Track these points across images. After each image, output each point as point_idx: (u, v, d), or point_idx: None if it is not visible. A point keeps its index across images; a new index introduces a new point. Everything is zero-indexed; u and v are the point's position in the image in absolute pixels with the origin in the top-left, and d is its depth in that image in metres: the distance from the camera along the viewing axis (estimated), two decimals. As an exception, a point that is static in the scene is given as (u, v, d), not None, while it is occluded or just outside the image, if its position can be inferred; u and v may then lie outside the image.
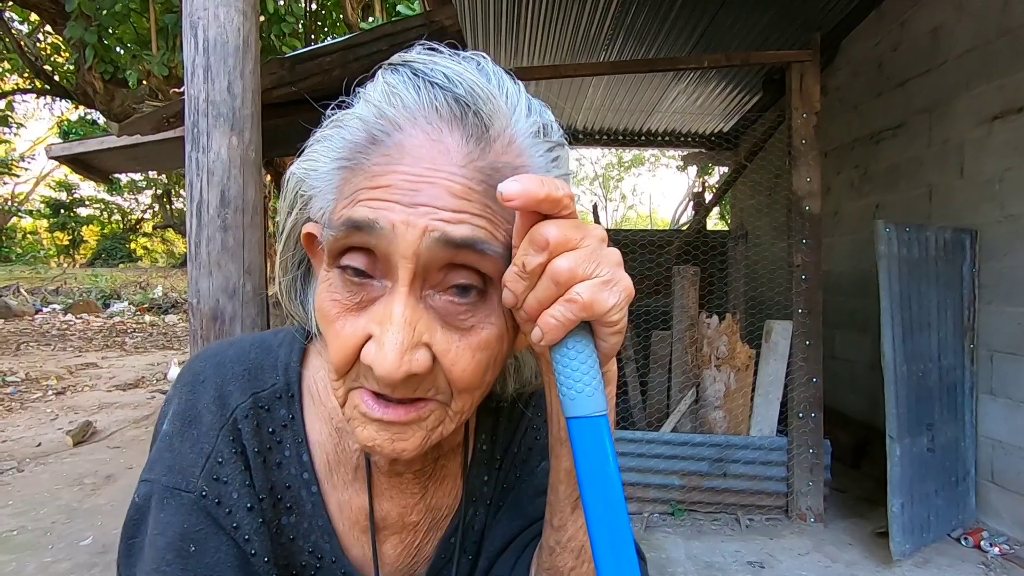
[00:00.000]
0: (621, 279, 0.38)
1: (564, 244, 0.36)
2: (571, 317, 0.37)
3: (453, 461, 0.60)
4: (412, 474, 0.57)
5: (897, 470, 2.80)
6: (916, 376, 2.98)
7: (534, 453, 0.62)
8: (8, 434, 4.81)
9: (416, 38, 1.75)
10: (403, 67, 0.44)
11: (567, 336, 0.38)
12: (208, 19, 1.54)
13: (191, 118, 1.60)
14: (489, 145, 0.41)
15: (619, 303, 0.37)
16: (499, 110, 0.42)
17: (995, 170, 3.22)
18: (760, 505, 3.33)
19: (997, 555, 2.91)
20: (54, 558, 2.82)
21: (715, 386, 3.39)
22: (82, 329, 11.33)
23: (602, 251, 0.38)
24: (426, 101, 0.41)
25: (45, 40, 10.15)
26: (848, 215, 4.57)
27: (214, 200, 1.56)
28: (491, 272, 0.42)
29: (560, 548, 0.50)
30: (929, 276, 3.09)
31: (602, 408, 0.38)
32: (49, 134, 22.39)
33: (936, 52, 3.65)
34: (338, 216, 0.42)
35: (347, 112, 0.45)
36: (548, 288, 0.37)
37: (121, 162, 4.65)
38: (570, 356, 0.38)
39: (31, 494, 3.60)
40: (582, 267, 0.36)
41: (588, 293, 0.36)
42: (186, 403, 0.52)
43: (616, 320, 0.38)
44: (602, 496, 0.37)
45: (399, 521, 0.58)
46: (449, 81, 0.42)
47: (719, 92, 5.74)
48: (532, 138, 0.44)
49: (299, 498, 0.54)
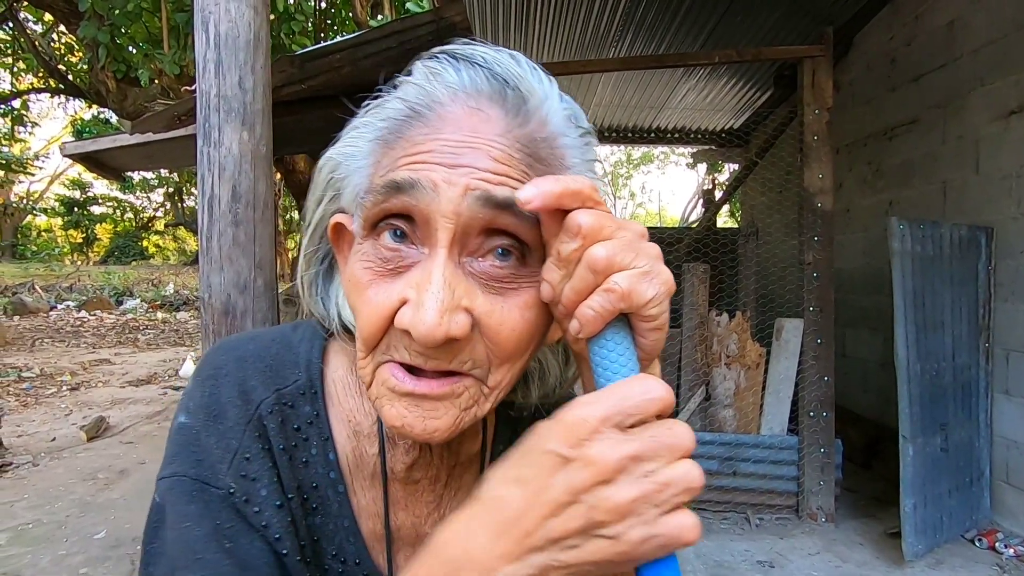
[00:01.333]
0: (661, 272, 0.37)
1: (598, 231, 0.36)
2: (609, 307, 0.36)
3: (469, 472, 0.58)
4: (428, 482, 0.55)
5: (910, 470, 2.77)
6: (930, 375, 2.94)
7: None
8: (24, 429, 4.88)
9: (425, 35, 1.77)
10: (442, 54, 0.45)
11: (605, 329, 0.37)
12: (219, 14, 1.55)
13: (202, 113, 1.61)
14: (527, 119, 0.42)
15: (659, 296, 0.36)
16: (535, 90, 0.43)
17: (1011, 166, 3.17)
18: (770, 504, 3.31)
19: (1012, 556, 2.87)
20: (68, 551, 2.86)
21: (725, 384, 3.37)
22: (95, 326, 11.47)
23: (640, 243, 0.37)
24: (467, 78, 0.43)
25: (59, 40, 10.26)
26: (861, 212, 4.52)
27: (225, 195, 1.57)
28: (528, 239, 0.41)
29: None
30: (943, 274, 3.05)
31: None
32: (63, 133, 22.65)
33: (951, 46, 3.60)
34: (377, 182, 0.42)
35: (386, 97, 0.46)
36: (585, 277, 0.36)
37: (134, 160, 4.69)
38: (608, 348, 0.38)
39: (46, 488, 3.65)
40: (619, 256, 0.36)
41: (626, 283, 0.36)
42: (209, 397, 0.50)
43: (655, 314, 0.37)
44: None
45: (412, 532, 0.56)
46: (487, 62, 0.43)
47: (729, 88, 5.70)
48: (565, 121, 0.45)
49: (325, 498, 0.53)
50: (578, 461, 0.33)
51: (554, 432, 0.35)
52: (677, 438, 0.35)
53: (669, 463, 0.34)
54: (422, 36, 2.68)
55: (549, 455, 0.34)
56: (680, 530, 0.34)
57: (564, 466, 0.34)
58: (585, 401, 0.35)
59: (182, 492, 0.47)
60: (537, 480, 0.34)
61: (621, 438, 0.34)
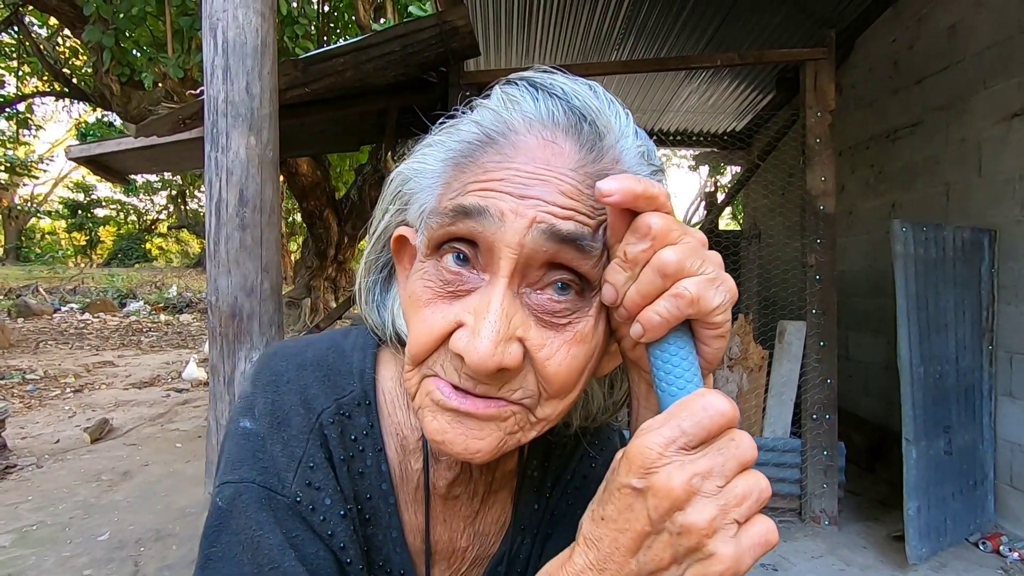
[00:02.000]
0: (726, 279, 0.37)
1: (667, 234, 0.36)
2: (676, 312, 0.36)
3: (505, 488, 0.58)
4: (466, 497, 0.56)
5: (913, 473, 2.77)
6: (933, 378, 2.94)
7: (590, 481, 0.61)
8: (28, 430, 4.89)
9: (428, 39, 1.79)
10: (521, 81, 0.45)
11: (668, 335, 0.37)
12: (227, 20, 1.55)
13: (210, 118, 1.62)
14: (601, 155, 0.43)
15: (725, 303, 0.37)
16: (611, 126, 0.44)
17: (1014, 169, 3.16)
18: (773, 507, 3.30)
19: (1016, 560, 2.86)
20: (72, 553, 2.86)
21: (728, 387, 3.37)
22: (99, 328, 11.50)
23: (705, 250, 0.38)
24: (543, 109, 0.43)
25: (64, 43, 10.32)
26: (863, 214, 4.52)
27: (233, 199, 1.58)
28: (589, 274, 0.41)
29: None
30: (946, 276, 3.04)
31: None
32: (67, 136, 22.75)
33: (954, 49, 3.60)
34: (445, 205, 0.43)
35: (462, 119, 0.47)
36: (653, 281, 0.36)
37: (138, 163, 4.72)
38: (671, 352, 0.37)
39: (50, 490, 3.66)
40: (689, 261, 0.36)
41: (696, 288, 0.36)
42: (272, 403, 0.50)
43: (720, 322, 0.37)
44: None
45: (449, 547, 0.57)
46: (566, 94, 0.44)
47: (732, 91, 5.70)
48: (638, 158, 0.45)
49: (378, 509, 0.53)
50: (649, 491, 0.34)
51: (623, 465, 0.35)
52: (741, 449, 0.35)
53: (737, 476, 0.34)
54: (425, 40, 2.69)
55: (624, 490, 0.35)
56: (766, 536, 0.34)
57: (639, 498, 0.34)
58: (648, 428, 0.35)
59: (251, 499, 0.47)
60: (619, 516, 0.35)
61: (687, 459, 0.34)
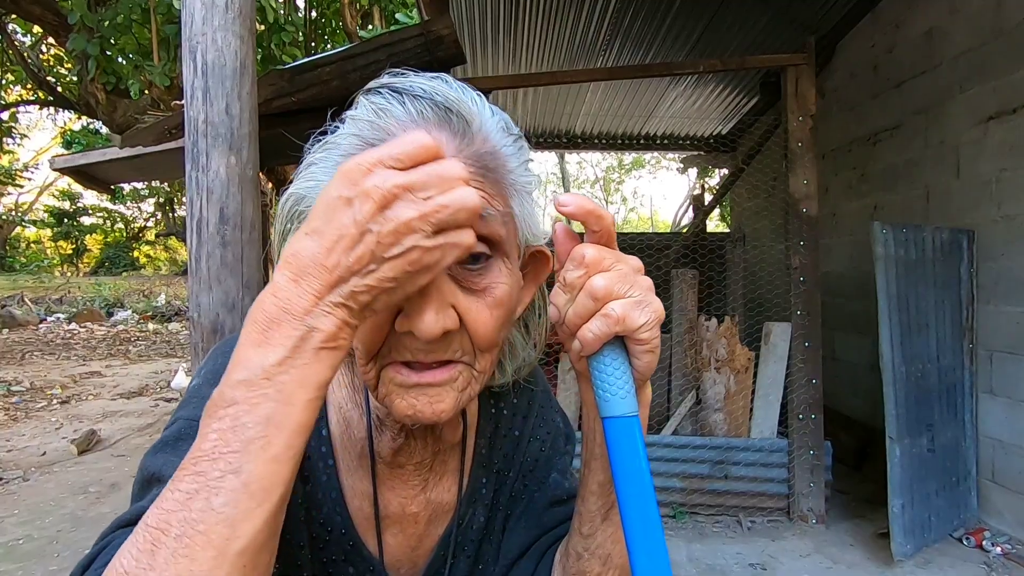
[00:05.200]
0: (652, 302, 0.42)
1: (599, 263, 0.42)
2: (605, 330, 0.41)
3: (452, 458, 0.63)
4: (413, 466, 0.60)
5: (897, 471, 2.81)
6: (915, 377, 2.99)
7: (540, 465, 0.67)
8: (13, 443, 4.84)
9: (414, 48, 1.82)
10: (382, 89, 0.49)
11: (603, 349, 0.42)
12: (207, 43, 1.58)
13: (191, 138, 1.65)
14: (472, 138, 0.48)
15: (649, 322, 0.42)
16: (472, 111, 0.49)
17: (991, 171, 3.23)
18: (761, 507, 3.34)
19: (999, 555, 2.91)
20: (60, 567, 2.84)
21: (715, 388, 3.40)
22: (86, 338, 11.38)
23: (636, 276, 0.42)
24: (413, 111, 0.47)
25: (48, 51, 10.24)
26: (846, 216, 4.58)
27: (213, 217, 1.61)
28: (494, 236, 0.47)
29: (588, 555, 0.55)
30: (927, 277, 3.10)
31: (634, 410, 0.42)
32: (52, 144, 22.53)
33: (931, 54, 3.67)
34: None
35: (337, 134, 0.50)
36: (586, 303, 0.41)
37: (124, 172, 4.69)
38: (605, 363, 0.43)
39: (37, 503, 3.62)
40: (616, 286, 0.41)
41: (621, 309, 0.41)
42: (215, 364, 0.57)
43: (647, 338, 0.42)
44: (635, 489, 0.41)
45: (400, 511, 0.61)
46: (427, 92, 0.48)
47: (717, 95, 5.77)
48: (501, 132, 0.51)
49: (316, 468, 0.57)
50: (358, 197, 0.36)
51: (335, 182, 0.38)
52: (447, 168, 0.38)
53: (444, 191, 0.37)
54: (410, 49, 2.71)
55: (334, 201, 0.37)
56: (459, 238, 0.38)
57: (348, 205, 0.36)
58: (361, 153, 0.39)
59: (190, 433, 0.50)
60: (328, 226, 0.37)
61: (395, 172, 0.37)
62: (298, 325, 0.37)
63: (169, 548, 0.34)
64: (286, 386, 0.36)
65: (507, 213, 0.49)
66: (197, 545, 0.34)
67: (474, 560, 0.64)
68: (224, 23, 1.57)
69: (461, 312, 0.46)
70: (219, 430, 0.36)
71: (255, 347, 0.37)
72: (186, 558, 0.34)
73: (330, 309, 0.37)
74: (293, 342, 0.36)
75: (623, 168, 25.19)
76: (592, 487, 0.53)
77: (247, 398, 0.36)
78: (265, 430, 0.36)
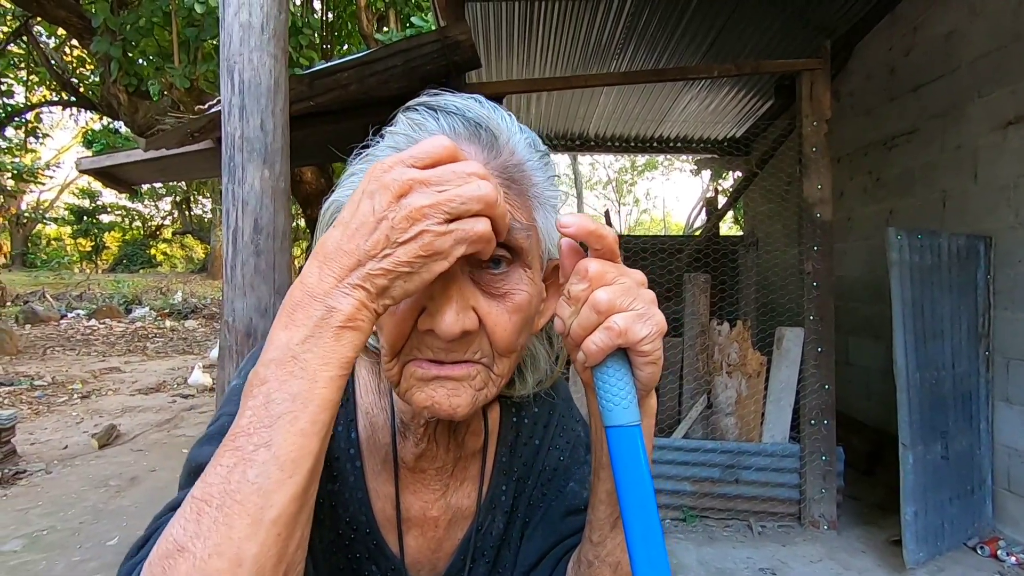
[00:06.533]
0: (655, 315, 0.43)
1: (602, 277, 0.43)
2: (608, 343, 0.42)
3: (473, 465, 0.66)
4: (435, 471, 0.63)
5: (910, 478, 2.80)
6: (929, 384, 2.97)
7: (558, 474, 0.69)
8: (36, 437, 4.96)
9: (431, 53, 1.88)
10: (419, 106, 0.53)
11: (607, 360, 0.44)
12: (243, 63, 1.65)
13: (227, 152, 1.73)
14: (500, 151, 0.52)
15: (651, 335, 0.43)
16: (501, 127, 0.53)
17: (1009, 176, 3.20)
18: (772, 512, 3.33)
19: (1014, 564, 2.89)
20: (82, 557, 2.92)
21: (727, 393, 3.41)
22: (105, 334, 11.59)
23: (639, 290, 0.44)
24: (445, 126, 0.51)
25: (71, 52, 10.45)
26: (862, 221, 4.55)
27: (248, 227, 1.68)
28: (516, 245, 0.50)
29: (599, 562, 0.56)
30: (942, 283, 3.08)
31: (636, 419, 0.44)
32: (73, 143, 22.95)
33: (950, 57, 3.64)
34: None
35: (376, 146, 0.55)
36: (589, 316, 0.43)
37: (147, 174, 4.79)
38: (608, 374, 0.44)
39: (59, 495, 3.72)
40: (619, 300, 0.42)
41: (624, 322, 0.42)
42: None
43: (649, 351, 0.43)
44: (637, 497, 0.43)
45: (421, 515, 0.63)
46: (459, 109, 0.52)
47: (731, 98, 5.75)
48: (528, 148, 0.55)
49: (344, 470, 0.61)
50: (378, 191, 0.40)
51: (362, 182, 0.42)
52: (463, 166, 0.41)
53: (457, 187, 0.40)
54: (427, 54, 2.75)
55: (358, 196, 0.41)
56: (472, 225, 0.41)
57: (370, 198, 0.40)
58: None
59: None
60: (351, 218, 0.41)
61: (413, 169, 0.40)
62: (319, 306, 0.40)
63: (211, 517, 0.37)
64: (310, 363, 0.39)
65: (530, 225, 0.51)
66: (235, 514, 0.37)
67: (492, 565, 0.66)
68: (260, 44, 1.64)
69: (481, 315, 0.48)
70: (253, 407, 0.39)
71: (283, 329, 0.40)
72: (225, 526, 0.37)
73: (348, 290, 0.40)
74: (315, 321, 0.39)
75: (636, 169, 25.11)
76: (601, 495, 0.54)
77: (276, 376, 0.39)
78: (292, 405, 0.39)
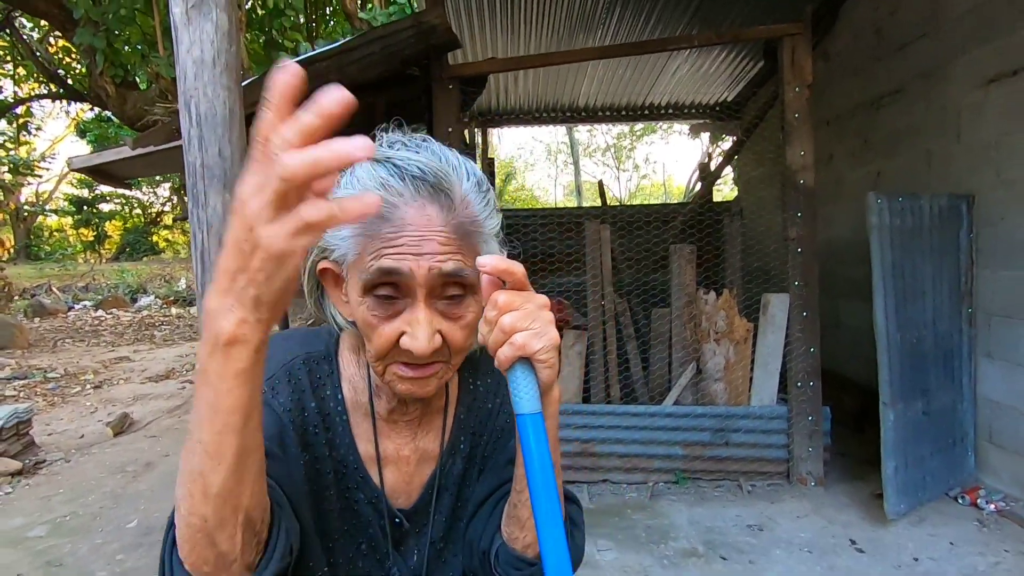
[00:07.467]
0: (548, 332, 0.57)
1: (509, 305, 0.57)
2: (512, 354, 0.57)
3: (437, 418, 0.85)
4: (404, 422, 0.82)
5: (891, 435, 2.90)
6: (910, 343, 3.05)
7: (505, 433, 0.88)
8: (53, 427, 5.13)
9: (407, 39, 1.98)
10: (386, 162, 0.65)
11: (515, 365, 0.57)
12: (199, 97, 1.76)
13: (191, 180, 1.86)
14: (455, 208, 0.66)
15: (545, 347, 0.57)
16: (455, 183, 0.66)
17: (991, 135, 3.21)
18: (762, 472, 3.46)
19: (992, 511, 3.01)
20: (104, 540, 3.08)
21: (715, 359, 3.50)
22: (113, 324, 11.77)
23: (539, 313, 0.57)
24: (411, 189, 0.64)
25: (56, 44, 10.34)
26: (850, 184, 4.57)
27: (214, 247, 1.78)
28: (468, 283, 0.66)
29: (520, 504, 0.74)
30: (923, 245, 3.12)
31: (537, 409, 0.57)
32: (67, 132, 22.84)
33: (934, 15, 3.61)
34: (369, 265, 0.64)
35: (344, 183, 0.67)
36: (498, 335, 0.57)
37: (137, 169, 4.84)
38: (517, 375, 0.58)
39: (79, 482, 3.89)
40: (520, 322, 0.56)
41: (522, 339, 0.56)
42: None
43: (544, 359, 0.57)
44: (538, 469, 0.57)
45: (395, 454, 0.82)
46: (423, 172, 0.64)
47: (721, 60, 5.69)
48: (475, 192, 0.69)
49: (335, 422, 0.79)
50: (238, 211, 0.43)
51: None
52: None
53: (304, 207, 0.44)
54: (405, 40, 2.77)
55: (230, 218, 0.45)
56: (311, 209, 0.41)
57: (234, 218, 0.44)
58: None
59: None
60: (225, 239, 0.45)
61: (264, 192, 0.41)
62: (211, 324, 0.46)
63: (184, 488, 0.52)
64: (211, 376, 0.47)
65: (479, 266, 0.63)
66: (194, 488, 0.51)
67: (456, 499, 0.86)
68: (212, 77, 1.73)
69: (444, 334, 0.67)
70: (195, 408, 0.50)
71: (201, 342, 0.48)
72: (190, 496, 0.51)
73: (229, 307, 0.45)
74: (211, 339, 0.46)
75: (634, 134, 24.81)
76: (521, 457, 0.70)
77: (197, 384, 0.49)
78: (208, 411, 0.48)
